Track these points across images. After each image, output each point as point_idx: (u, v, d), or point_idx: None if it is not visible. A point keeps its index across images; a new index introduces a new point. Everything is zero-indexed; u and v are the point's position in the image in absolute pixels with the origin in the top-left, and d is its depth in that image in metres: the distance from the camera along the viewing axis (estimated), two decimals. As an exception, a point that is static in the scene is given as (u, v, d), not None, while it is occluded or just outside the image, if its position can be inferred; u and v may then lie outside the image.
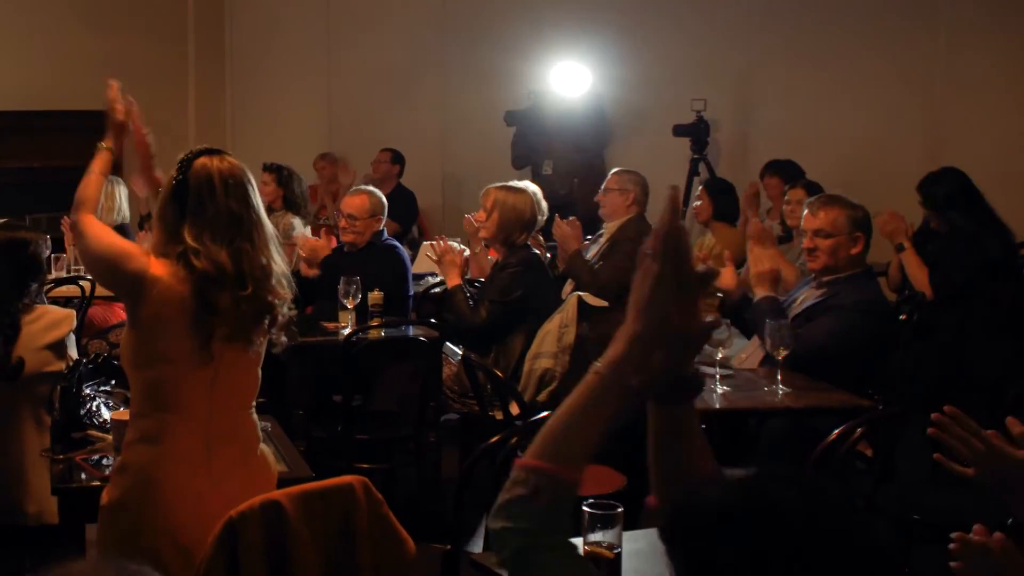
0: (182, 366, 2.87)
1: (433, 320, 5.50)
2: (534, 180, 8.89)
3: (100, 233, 2.99)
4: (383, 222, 5.87)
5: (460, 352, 5.45)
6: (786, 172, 7.38)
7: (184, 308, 2.85)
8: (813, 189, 6.42)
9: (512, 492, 1.64)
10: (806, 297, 4.82)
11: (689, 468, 1.76)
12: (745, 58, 8.57)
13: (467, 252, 6.19)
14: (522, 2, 9.24)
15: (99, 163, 3.21)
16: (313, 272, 5.82)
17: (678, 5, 8.76)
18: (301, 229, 7.42)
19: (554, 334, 5.30)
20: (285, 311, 2.99)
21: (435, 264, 5.99)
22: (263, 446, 3.08)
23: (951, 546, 1.93)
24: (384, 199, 5.97)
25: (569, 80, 8.73)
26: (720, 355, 4.30)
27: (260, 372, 3.05)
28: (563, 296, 5.71)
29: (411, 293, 6.00)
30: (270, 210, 7.77)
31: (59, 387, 3.51)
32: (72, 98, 9.64)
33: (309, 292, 5.85)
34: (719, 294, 5.11)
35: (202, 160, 2.91)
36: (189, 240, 2.83)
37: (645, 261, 1.67)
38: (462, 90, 9.52)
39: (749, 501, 1.45)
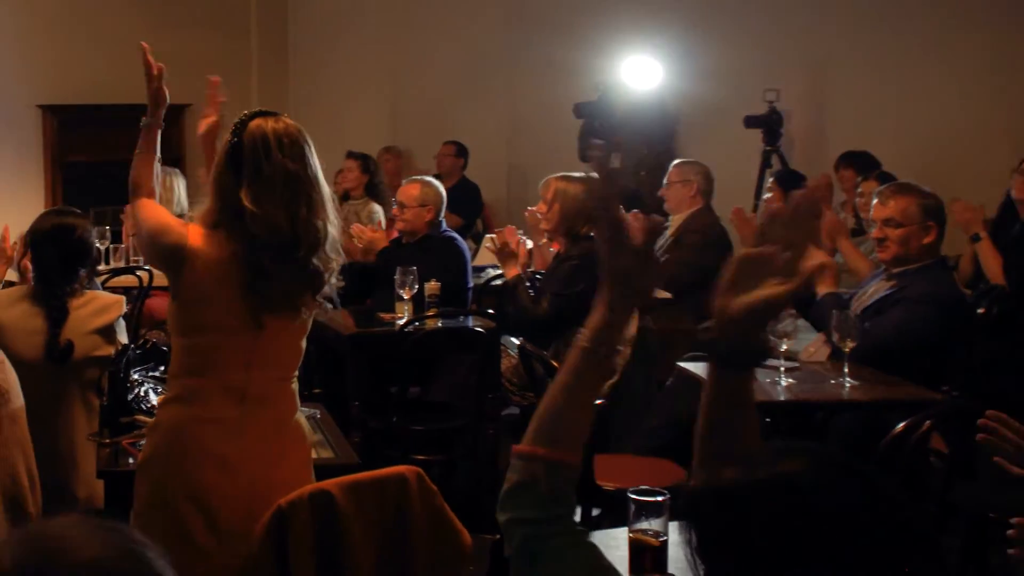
0: (224, 334, 2.86)
1: (491, 312, 5.44)
2: (602, 174, 8.87)
3: (148, 213, 2.98)
4: (436, 213, 5.83)
5: (519, 343, 5.42)
6: (860, 164, 7.24)
7: (228, 278, 2.82)
8: (887, 181, 6.30)
9: (511, 481, 1.63)
10: (876, 289, 4.72)
11: (738, 442, 1.71)
12: (819, 47, 8.42)
13: (529, 244, 6.14)
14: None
15: (143, 140, 3.19)
16: (369, 258, 5.82)
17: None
18: (382, 216, 7.50)
19: (615, 326, 5.23)
20: (334, 280, 2.97)
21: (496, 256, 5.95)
22: (299, 415, 3.04)
23: (1009, 532, 1.86)
24: (440, 191, 5.95)
25: (638, 72, 8.65)
26: (785, 347, 4.21)
27: (304, 343, 3.01)
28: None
29: (470, 285, 5.97)
30: (350, 197, 7.85)
31: (107, 372, 3.51)
32: (137, 92, 9.68)
33: (368, 283, 5.85)
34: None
35: (257, 121, 2.87)
36: (247, 203, 2.78)
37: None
38: (529, 82, 9.47)
39: (766, 477, 1.41)
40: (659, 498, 2.43)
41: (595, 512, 4.32)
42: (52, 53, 9.48)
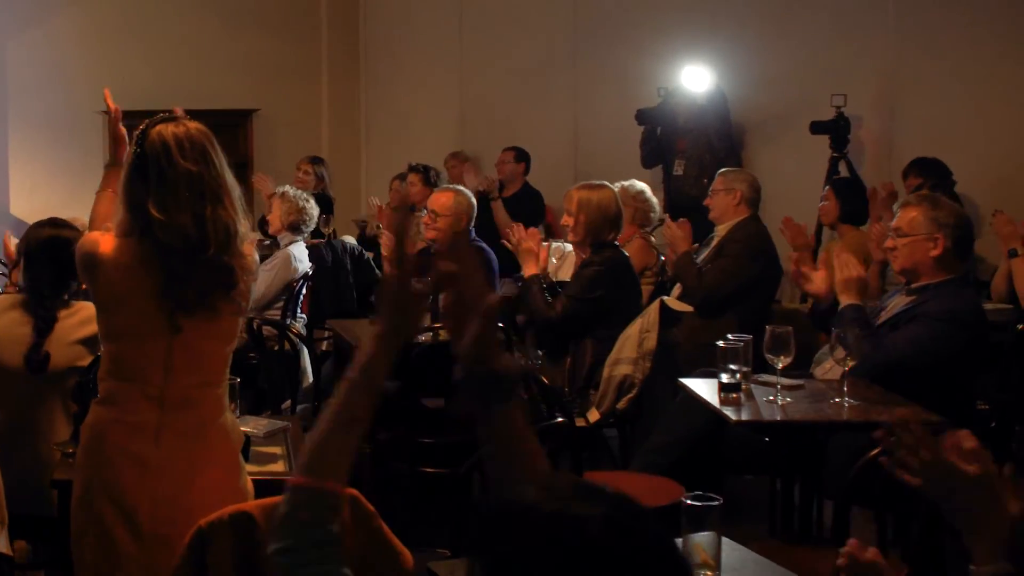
0: (141, 340, 2.97)
1: (501, 323, 5.52)
2: (665, 180, 8.89)
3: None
4: (467, 222, 5.94)
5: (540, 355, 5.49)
6: (931, 172, 7.12)
7: (141, 285, 2.93)
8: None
9: (280, 513, 1.70)
10: (895, 304, 4.69)
11: (522, 471, 1.77)
12: (889, 50, 8.31)
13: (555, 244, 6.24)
14: (652, 0, 9.21)
15: (104, 180, 3.34)
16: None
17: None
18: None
19: (634, 339, 5.28)
20: (245, 275, 3.03)
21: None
22: (227, 416, 3.14)
23: (875, 433, 1.93)
24: (472, 200, 6.05)
25: (697, 78, 8.64)
26: (780, 365, 4.22)
27: (229, 350, 3.11)
28: (667, 299, 5.67)
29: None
30: (417, 209, 8.00)
31: (77, 381, 3.69)
32: (209, 97, 10.05)
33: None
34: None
35: (157, 128, 2.97)
36: (154, 212, 2.90)
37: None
38: (594, 88, 9.53)
39: (558, 512, 1.42)
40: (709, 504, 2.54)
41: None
42: (117, 59, 9.77)
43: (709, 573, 2.56)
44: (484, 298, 1.82)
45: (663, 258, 6.74)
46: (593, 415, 5.28)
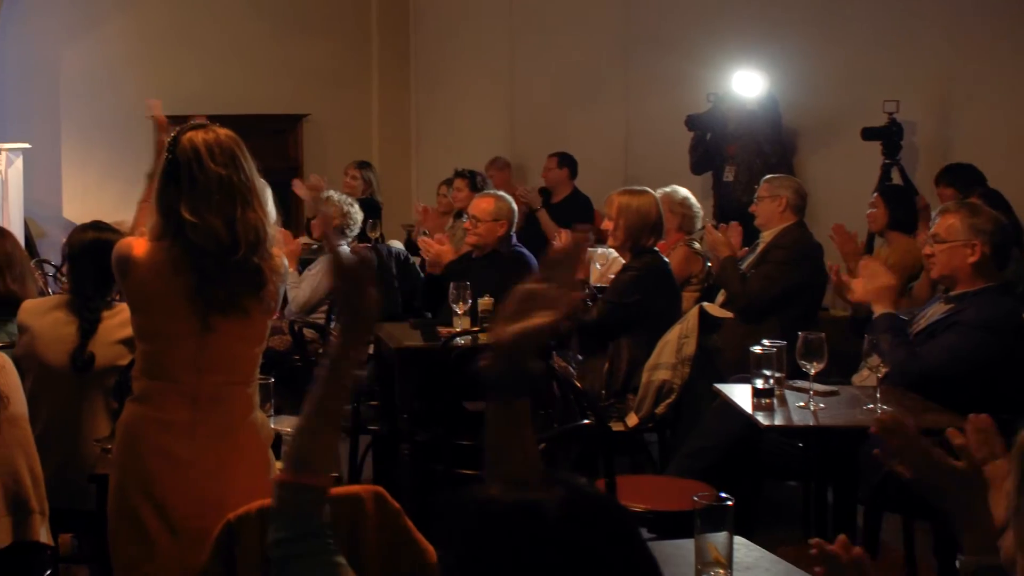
0: (173, 340, 3.11)
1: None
2: (715, 187, 8.94)
3: None
4: (508, 228, 6.04)
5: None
6: (962, 180, 7.11)
7: (173, 286, 3.06)
8: (991, 199, 6.24)
9: (271, 507, 1.82)
10: (933, 312, 4.73)
11: (517, 467, 1.86)
12: (943, 56, 8.30)
13: (600, 250, 6.33)
14: (705, 6, 9.26)
15: (146, 190, 3.53)
16: (435, 271, 6.07)
17: (866, 3, 8.60)
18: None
19: (673, 345, 5.35)
20: (274, 276, 3.15)
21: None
22: (258, 414, 3.27)
23: (871, 429, 2.06)
24: (513, 205, 6.15)
25: (749, 84, 8.68)
26: (813, 371, 4.28)
27: (259, 351, 3.24)
28: (707, 305, 5.74)
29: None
30: (464, 214, 8.12)
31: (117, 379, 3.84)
32: (259, 102, 10.25)
33: (438, 295, 6.09)
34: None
35: (188, 135, 3.11)
36: (187, 215, 3.04)
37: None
38: (644, 93, 9.60)
39: (516, 500, 1.49)
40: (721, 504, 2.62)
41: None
42: (168, 65, 10.01)
43: (721, 571, 2.63)
44: (567, 296, 1.89)
45: (709, 264, 6.80)
46: (632, 419, 5.37)
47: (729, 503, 2.66)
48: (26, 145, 8.45)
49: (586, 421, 4.30)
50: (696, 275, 6.87)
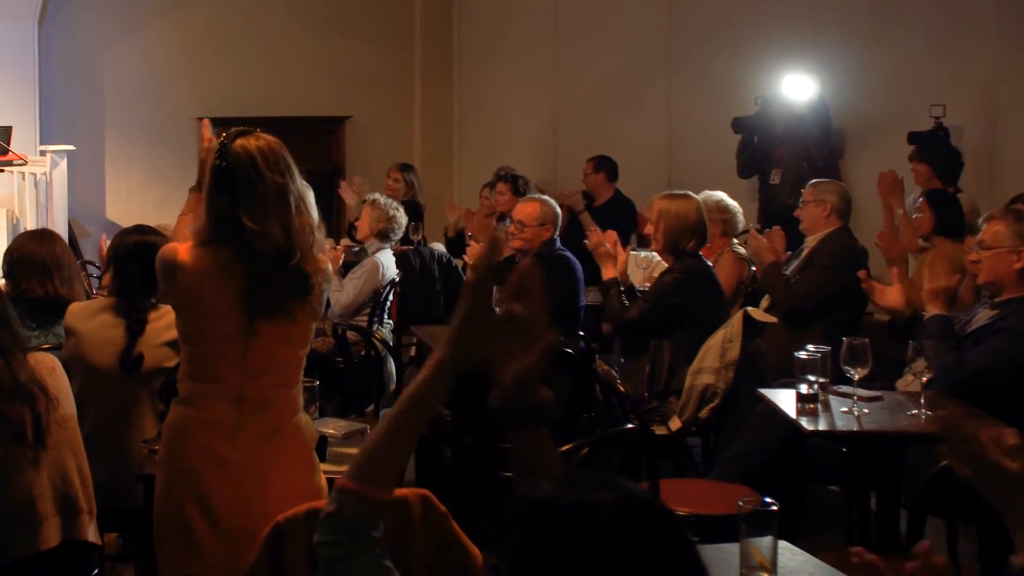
0: (219, 342, 3.19)
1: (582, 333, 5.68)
2: (761, 190, 8.95)
3: None
4: (553, 231, 6.09)
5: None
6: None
7: (221, 290, 3.14)
8: None
9: (326, 510, 1.88)
10: (980, 318, 4.75)
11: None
12: (991, 60, 8.29)
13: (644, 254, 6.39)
14: (750, 9, 9.27)
15: (187, 204, 3.54)
16: (479, 278, 6.12)
17: (914, 6, 8.59)
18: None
19: (717, 349, 5.39)
20: (320, 281, 3.23)
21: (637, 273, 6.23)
22: (302, 415, 3.34)
23: (853, 559, 2.02)
24: (557, 209, 6.20)
25: (798, 87, 8.68)
26: (857, 376, 4.31)
27: (303, 354, 3.32)
28: (751, 310, 5.77)
29: (582, 304, 6.19)
30: (504, 218, 8.18)
31: (164, 381, 3.92)
32: (301, 104, 10.35)
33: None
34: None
35: (240, 142, 3.17)
36: (247, 222, 3.11)
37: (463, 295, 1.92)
38: (689, 97, 9.62)
39: (571, 501, 1.56)
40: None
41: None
42: (210, 67, 10.14)
43: (765, 575, 2.68)
44: (541, 336, 1.94)
45: (754, 268, 6.83)
46: (675, 423, 5.41)
47: (774, 508, 2.70)
48: (70, 147, 8.57)
49: (629, 425, 4.34)
50: (744, 280, 6.90)
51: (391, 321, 7.00)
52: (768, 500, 2.76)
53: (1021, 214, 4.65)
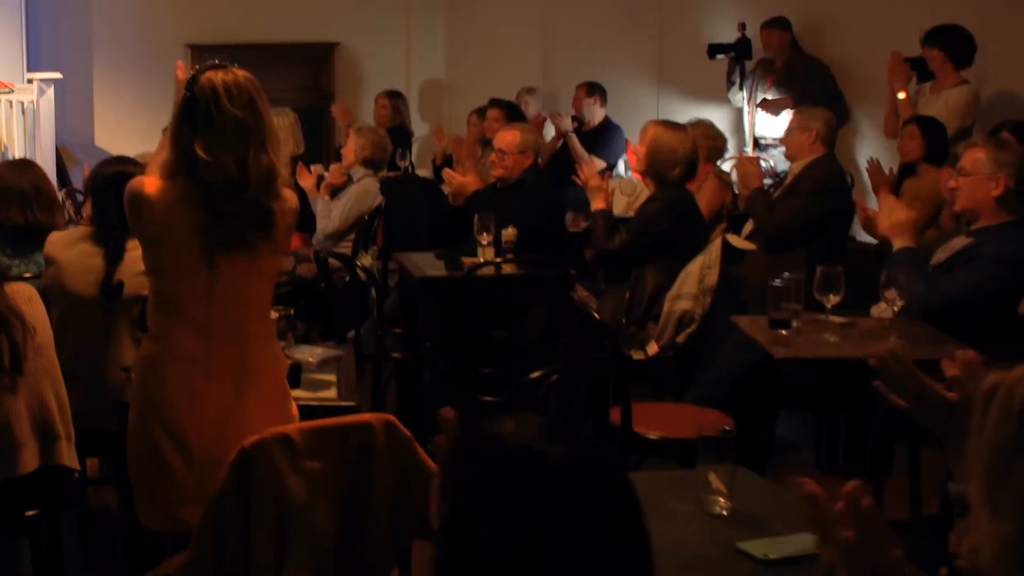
0: (182, 275, 3.22)
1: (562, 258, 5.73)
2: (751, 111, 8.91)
3: None
4: (534, 159, 6.12)
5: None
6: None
7: (183, 223, 3.17)
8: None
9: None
10: (954, 245, 4.78)
11: None
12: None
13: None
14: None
15: (159, 143, 3.61)
16: (458, 203, 6.18)
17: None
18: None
19: (695, 275, 5.43)
20: (285, 217, 3.26)
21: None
22: (274, 346, 3.42)
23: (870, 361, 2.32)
24: (538, 137, 6.22)
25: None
26: (829, 304, 4.36)
27: (268, 288, 3.36)
28: (730, 236, 5.82)
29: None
30: (489, 144, 8.19)
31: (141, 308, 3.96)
32: (289, 30, 10.32)
33: (460, 227, 6.19)
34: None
35: (207, 75, 3.19)
36: (200, 153, 3.13)
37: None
38: (678, 22, 9.59)
39: (521, 445, 1.58)
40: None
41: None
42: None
43: (721, 500, 2.74)
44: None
45: (736, 193, 6.86)
46: (652, 348, 5.47)
47: (731, 435, 2.76)
48: (57, 75, 8.57)
49: (597, 355, 4.40)
50: (725, 205, 6.94)
51: (376, 247, 7.05)
52: (727, 428, 2.81)
53: (1002, 141, 4.68)
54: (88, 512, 4.65)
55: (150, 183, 3.23)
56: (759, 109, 8.43)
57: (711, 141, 7.03)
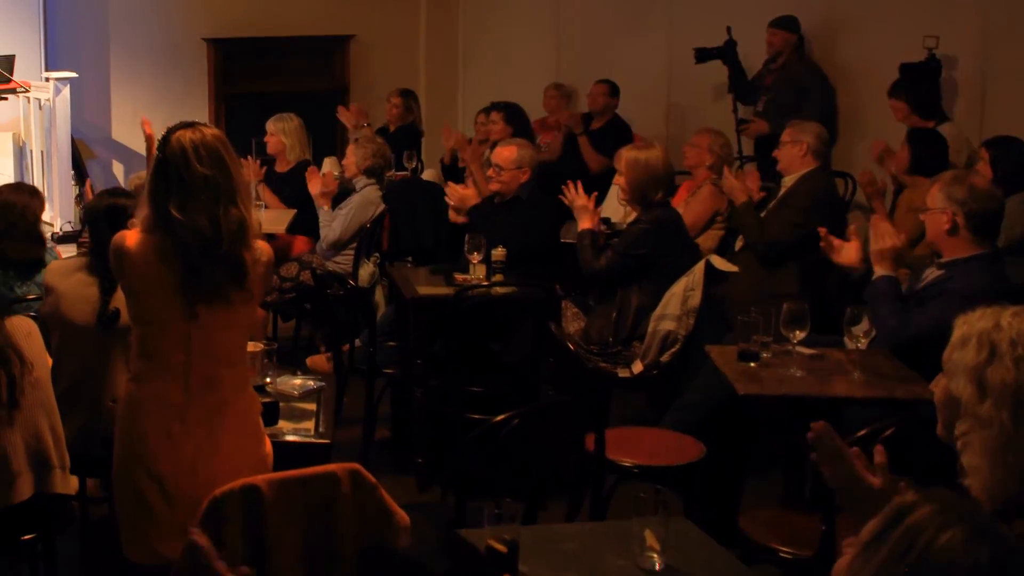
0: (162, 325, 3.46)
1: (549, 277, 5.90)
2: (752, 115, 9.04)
3: None
4: (531, 175, 6.30)
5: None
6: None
7: (162, 276, 3.41)
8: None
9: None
10: (928, 275, 4.89)
11: None
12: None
13: None
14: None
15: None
16: (461, 219, 6.36)
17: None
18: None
19: (679, 296, 5.62)
20: (259, 267, 3.49)
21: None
22: (249, 390, 3.64)
23: (808, 435, 2.58)
24: (535, 152, 6.40)
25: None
26: (795, 339, 4.52)
27: (245, 337, 3.62)
28: (713, 258, 5.99)
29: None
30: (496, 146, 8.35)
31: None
32: (305, 24, 10.47)
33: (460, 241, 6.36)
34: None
35: (176, 135, 3.43)
36: (175, 212, 3.38)
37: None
38: (687, 19, 9.71)
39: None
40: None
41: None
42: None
43: (655, 555, 2.95)
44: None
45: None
46: (637, 366, 5.67)
47: (661, 491, 2.96)
48: (73, 74, 8.78)
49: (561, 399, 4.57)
50: (722, 212, 7.07)
51: (377, 254, 7.23)
52: (659, 487, 3.02)
53: (958, 176, 4.76)
54: (89, 530, 4.90)
55: (131, 237, 3.47)
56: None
57: (724, 152, 7.21)
